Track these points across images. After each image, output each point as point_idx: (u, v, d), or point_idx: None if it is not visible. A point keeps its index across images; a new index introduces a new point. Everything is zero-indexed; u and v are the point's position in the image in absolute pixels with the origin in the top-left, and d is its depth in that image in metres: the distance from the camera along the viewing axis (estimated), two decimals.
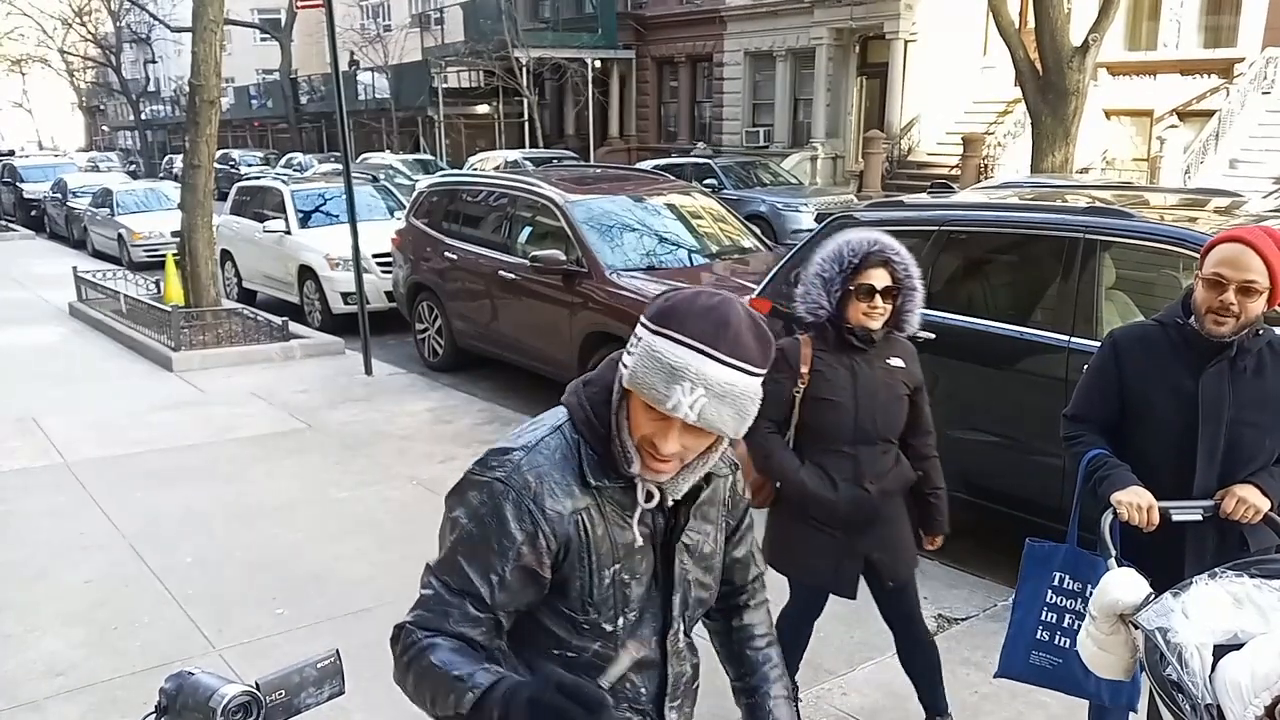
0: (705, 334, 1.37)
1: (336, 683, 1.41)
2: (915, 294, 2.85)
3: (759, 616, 1.83)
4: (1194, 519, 2.40)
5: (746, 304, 1.47)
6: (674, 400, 1.35)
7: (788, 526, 3.02)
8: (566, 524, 1.46)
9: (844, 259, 2.79)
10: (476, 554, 1.47)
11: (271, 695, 1.32)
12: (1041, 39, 12.56)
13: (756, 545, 1.81)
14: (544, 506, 1.45)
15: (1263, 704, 1.71)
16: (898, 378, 2.92)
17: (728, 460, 1.64)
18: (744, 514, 1.74)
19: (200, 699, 1.27)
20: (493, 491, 1.48)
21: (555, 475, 1.47)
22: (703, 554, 1.61)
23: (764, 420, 2.88)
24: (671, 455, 1.42)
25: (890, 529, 2.98)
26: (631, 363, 1.41)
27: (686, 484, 1.50)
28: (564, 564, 1.48)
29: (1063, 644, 2.57)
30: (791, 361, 2.88)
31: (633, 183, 8.42)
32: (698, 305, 1.41)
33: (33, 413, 7.05)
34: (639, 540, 1.52)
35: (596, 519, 1.49)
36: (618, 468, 1.47)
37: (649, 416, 1.41)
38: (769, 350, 1.44)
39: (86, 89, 56.87)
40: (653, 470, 1.45)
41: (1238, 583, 1.94)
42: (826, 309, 2.84)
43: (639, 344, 1.41)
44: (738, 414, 1.39)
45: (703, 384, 1.35)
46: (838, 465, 2.88)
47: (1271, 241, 2.28)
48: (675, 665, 1.65)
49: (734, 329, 1.38)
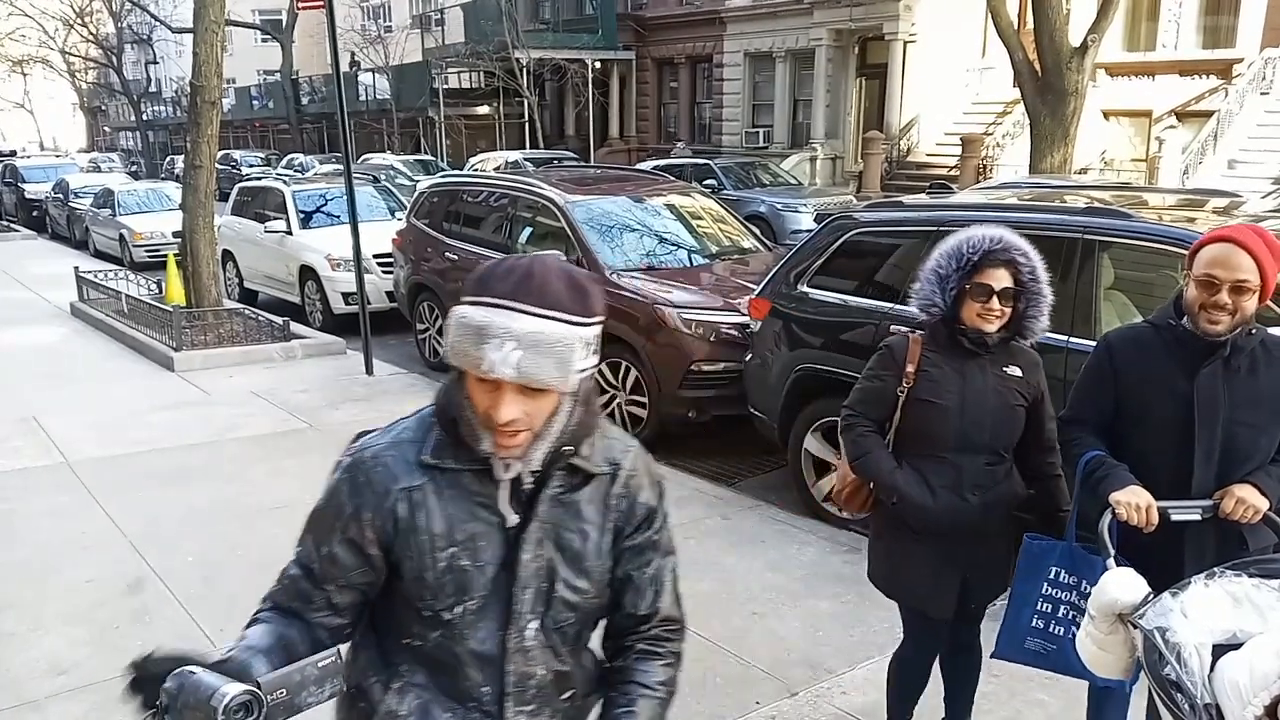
0: (506, 290, 1.38)
1: (337, 681, 1.41)
2: (1042, 299, 2.66)
3: (651, 671, 1.63)
4: (1193, 519, 2.40)
5: (561, 259, 1.48)
6: (487, 360, 1.35)
7: (884, 538, 2.88)
8: (394, 499, 1.48)
9: (963, 255, 2.62)
10: (315, 528, 1.54)
11: (272, 694, 1.32)
12: (1040, 40, 12.57)
13: (672, 589, 1.68)
14: (373, 481, 1.49)
15: (1261, 704, 1.71)
16: (1013, 387, 2.72)
17: (611, 458, 1.57)
18: (645, 524, 1.61)
19: (201, 698, 1.27)
20: (339, 468, 1.54)
21: (393, 454, 1.50)
22: (573, 551, 1.54)
23: (862, 419, 2.80)
24: (512, 421, 1.39)
25: (988, 547, 2.77)
26: (446, 337, 1.43)
27: (541, 451, 1.46)
28: (395, 543, 1.49)
29: (1057, 632, 2.59)
30: (898, 359, 2.74)
31: (633, 183, 8.43)
32: (502, 268, 1.42)
33: (34, 412, 7.06)
34: (486, 523, 1.49)
35: (431, 498, 1.48)
36: (472, 451, 1.46)
37: (481, 389, 1.41)
38: (586, 298, 1.42)
39: (88, 90, 56.89)
40: (504, 446, 1.43)
41: (1236, 582, 1.94)
42: (940, 307, 2.67)
43: (452, 317, 1.42)
44: (558, 362, 1.37)
45: (511, 338, 1.35)
46: (938, 472, 2.70)
47: (1259, 239, 2.29)
48: (519, 665, 1.54)
49: (538, 280, 1.39)
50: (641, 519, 1.61)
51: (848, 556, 4.57)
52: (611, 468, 1.57)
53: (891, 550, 2.85)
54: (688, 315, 6.28)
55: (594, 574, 1.57)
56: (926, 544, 2.74)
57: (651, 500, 1.62)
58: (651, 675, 1.63)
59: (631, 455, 1.61)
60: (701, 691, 3.50)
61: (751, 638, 3.90)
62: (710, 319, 6.28)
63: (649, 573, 1.64)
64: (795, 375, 5.29)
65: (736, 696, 3.47)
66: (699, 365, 6.17)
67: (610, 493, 1.57)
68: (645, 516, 1.61)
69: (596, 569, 1.57)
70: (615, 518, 1.58)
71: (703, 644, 3.84)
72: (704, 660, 3.71)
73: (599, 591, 1.59)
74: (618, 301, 6.60)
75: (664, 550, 1.66)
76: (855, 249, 5.23)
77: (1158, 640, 1.88)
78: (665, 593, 1.67)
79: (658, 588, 1.65)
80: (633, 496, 1.60)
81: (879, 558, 2.92)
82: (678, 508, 5.18)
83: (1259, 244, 2.28)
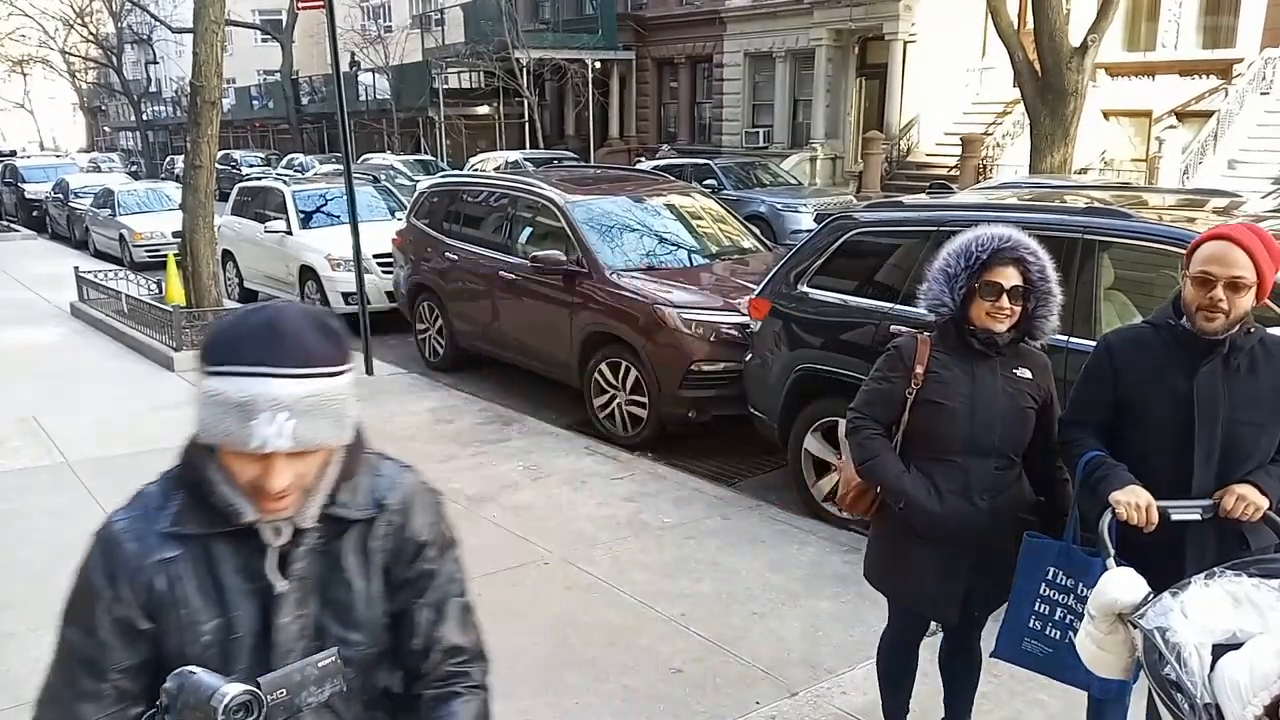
0: (260, 354, 1.26)
1: (337, 682, 1.41)
2: (1051, 299, 2.63)
3: (452, 713, 1.51)
4: (1193, 518, 2.40)
5: (299, 305, 1.36)
6: (258, 436, 1.24)
7: (887, 540, 2.84)
8: (150, 574, 1.37)
9: (971, 254, 2.58)
10: (76, 619, 1.40)
11: (272, 694, 1.32)
12: (1040, 40, 12.56)
13: (458, 617, 1.55)
14: (126, 558, 1.37)
15: (1261, 703, 1.71)
16: (1023, 389, 2.68)
17: (377, 497, 1.49)
18: (416, 557, 1.51)
19: (201, 698, 1.28)
20: (89, 549, 1.41)
21: (141, 526, 1.38)
22: (340, 604, 1.45)
23: (869, 421, 2.76)
24: (287, 490, 1.31)
25: (994, 554, 2.71)
26: (197, 415, 1.29)
27: (315, 506, 1.38)
28: (157, 618, 1.38)
29: (1053, 635, 2.58)
30: (906, 360, 2.70)
31: (632, 183, 8.44)
32: (244, 327, 1.29)
33: (34, 412, 7.06)
34: (245, 590, 1.39)
35: (188, 569, 1.38)
36: (227, 516, 1.35)
37: (244, 461, 1.29)
38: (341, 342, 1.34)
39: (88, 90, 56.89)
40: (272, 511, 1.34)
41: (1236, 582, 1.94)
42: (949, 307, 2.63)
43: (199, 391, 1.28)
44: (334, 421, 1.31)
45: (282, 408, 1.24)
46: (946, 476, 2.66)
47: (1255, 237, 2.31)
48: None
49: (291, 335, 1.28)
50: (412, 554, 1.51)
51: (848, 556, 4.57)
52: (375, 509, 1.48)
53: (896, 554, 2.82)
54: (688, 315, 6.28)
55: (367, 624, 1.47)
56: (932, 549, 2.71)
57: (423, 533, 1.52)
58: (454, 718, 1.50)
59: (399, 491, 1.51)
60: (701, 691, 3.51)
61: (751, 638, 3.90)
62: (710, 319, 6.28)
63: (424, 602, 1.52)
64: (795, 375, 5.29)
65: (736, 696, 3.48)
66: (699, 365, 6.17)
67: (372, 535, 1.47)
68: (416, 550, 1.51)
69: (369, 618, 1.47)
70: (382, 559, 1.49)
71: (703, 644, 3.84)
72: (704, 660, 3.72)
73: (374, 640, 1.49)
74: (618, 301, 6.61)
75: (446, 578, 1.55)
76: (855, 249, 5.23)
77: (1157, 640, 1.88)
78: (447, 620, 1.53)
79: (436, 617, 1.52)
80: (398, 534, 1.50)
81: (880, 558, 2.90)
82: (677, 508, 5.18)
83: (1254, 241, 2.30)
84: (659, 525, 4.95)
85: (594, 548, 4.76)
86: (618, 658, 3.77)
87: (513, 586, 4.37)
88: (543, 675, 3.65)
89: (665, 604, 4.19)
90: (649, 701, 3.47)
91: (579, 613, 4.14)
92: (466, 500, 5.39)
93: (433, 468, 5.92)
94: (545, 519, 5.13)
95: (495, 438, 6.50)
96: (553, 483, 5.66)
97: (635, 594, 4.28)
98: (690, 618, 4.07)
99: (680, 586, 4.35)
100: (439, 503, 1.59)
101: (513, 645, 3.86)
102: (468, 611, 1.58)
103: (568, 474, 5.80)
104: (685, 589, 4.33)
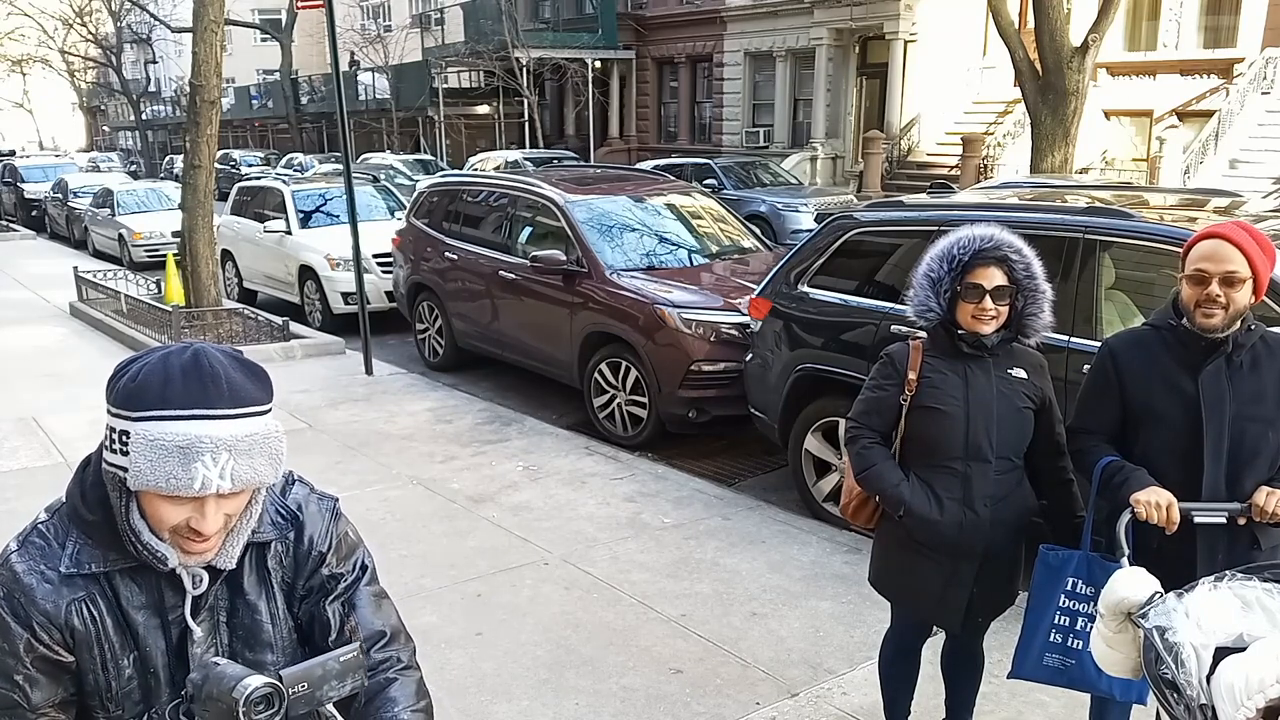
0: (194, 396, 1.27)
1: (359, 676, 1.42)
2: (1040, 296, 2.61)
3: (392, 699, 1.54)
4: (1218, 521, 2.37)
5: (215, 346, 1.36)
6: (200, 479, 1.26)
7: (891, 549, 2.82)
8: (65, 614, 1.36)
9: (953, 257, 2.57)
10: None
11: (294, 688, 1.34)
12: (1041, 39, 12.56)
13: (370, 605, 1.58)
14: (35, 600, 1.36)
15: (1255, 706, 1.70)
16: (1019, 390, 2.65)
17: (274, 518, 1.50)
18: (318, 567, 1.53)
19: (224, 689, 1.29)
20: None
21: (44, 567, 1.38)
22: (247, 628, 1.48)
23: (866, 430, 2.74)
24: (217, 532, 1.32)
25: (997, 561, 2.70)
26: (129, 462, 1.28)
27: (237, 547, 1.39)
28: (77, 654, 1.38)
29: (1075, 646, 2.54)
30: (899, 367, 2.68)
31: (633, 183, 8.42)
32: (168, 370, 1.29)
33: (34, 412, 7.06)
34: (156, 626, 1.40)
35: (102, 607, 1.38)
36: (137, 556, 1.35)
37: (174, 505, 1.30)
38: (265, 379, 1.35)
39: (87, 89, 56.83)
40: (195, 554, 1.35)
41: (1247, 586, 1.93)
42: (936, 311, 2.62)
43: (129, 439, 1.28)
44: (270, 458, 1.32)
45: (224, 448, 1.26)
46: (946, 483, 2.64)
47: (1246, 234, 2.34)
48: None
49: (222, 375, 1.29)
50: (313, 565, 1.54)
51: (848, 557, 4.56)
52: (275, 531, 1.50)
53: (899, 562, 2.81)
54: (688, 315, 6.27)
55: (276, 644, 1.50)
56: (935, 557, 2.69)
57: (320, 543, 1.54)
58: (394, 706, 1.53)
59: (289, 507, 1.53)
60: (701, 691, 3.50)
61: (751, 638, 3.89)
62: (710, 319, 6.27)
63: (333, 598, 1.55)
64: (795, 375, 5.28)
65: (736, 697, 3.47)
66: (699, 365, 6.16)
67: (270, 554, 1.50)
68: (317, 561, 1.54)
69: (277, 637, 1.51)
70: (280, 575, 1.51)
71: (703, 644, 3.84)
72: (704, 660, 3.71)
73: (290, 656, 1.51)
74: (618, 301, 6.60)
75: (353, 577, 1.57)
76: (856, 249, 5.23)
77: (1156, 640, 1.87)
78: (360, 609, 1.56)
79: (347, 610, 1.55)
80: (294, 549, 1.52)
81: (884, 566, 2.89)
82: (677, 508, 5.18)
83: (1244, 237, 2.34)
84: (659, 525, 4.95)
85: (594, 548, 4.76)
86: (618, 658, 3.76)
87: (513, 586, 4.36)
88: (542, 675, 3.65)
89: (665, 604, 4.18)
90: (649, 702, 3.46)
91: (579, 613, 4.13)
92: (466, 500, 5.39)
93: (433, 468, 5.93)
94: (545, 519, 5.13)
95: (495, 438, 6.50)
96: (553, 483, 5.65)
97: (635, 594, 4.28)
98: (690, 618, 4.06)
99: (680, 587, 4.35)
100: (334, 509, 1.59)
101: (513, 645, 3.86)
102: (380, 597, 1.60)
103: (568, 474, 5.79)
104: (685, 589, 4.33)
